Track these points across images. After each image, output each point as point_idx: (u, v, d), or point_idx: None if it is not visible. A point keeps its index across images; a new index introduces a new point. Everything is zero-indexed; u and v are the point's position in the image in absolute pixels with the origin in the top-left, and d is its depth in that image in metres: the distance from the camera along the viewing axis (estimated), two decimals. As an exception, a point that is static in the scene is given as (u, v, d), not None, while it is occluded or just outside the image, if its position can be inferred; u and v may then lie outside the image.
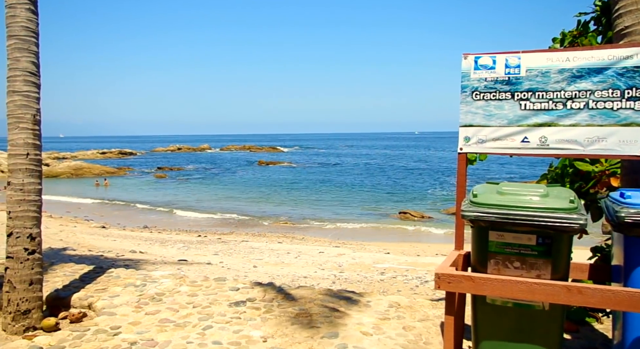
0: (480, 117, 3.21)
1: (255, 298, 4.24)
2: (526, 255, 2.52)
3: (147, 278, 4.85)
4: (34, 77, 3.87)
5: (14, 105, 3.77)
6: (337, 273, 9.58)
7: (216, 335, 3.45)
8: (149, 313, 3.88)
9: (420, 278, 8.68)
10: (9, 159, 3.82)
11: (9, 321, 3.64)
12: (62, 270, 5.13)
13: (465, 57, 3.28)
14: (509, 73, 3.14)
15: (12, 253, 3.72)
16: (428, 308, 3.97)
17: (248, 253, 12.96)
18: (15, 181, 3.76)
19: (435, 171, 49.25)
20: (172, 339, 3.37)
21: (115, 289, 4.46)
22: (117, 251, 12.13)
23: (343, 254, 12.77)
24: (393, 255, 12.91)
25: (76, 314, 3.86)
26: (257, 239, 16.61)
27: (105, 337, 3.40)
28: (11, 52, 3.78)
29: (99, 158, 67.01)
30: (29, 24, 3.82)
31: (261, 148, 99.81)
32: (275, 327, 3.60)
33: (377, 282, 8.36)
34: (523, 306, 2.54)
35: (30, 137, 3.82)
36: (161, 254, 12.38)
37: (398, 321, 3.70)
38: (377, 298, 4.26)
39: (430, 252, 13.93)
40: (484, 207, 2.56)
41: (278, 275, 9.12)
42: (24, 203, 3.76)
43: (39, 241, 3.88)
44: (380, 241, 17.02)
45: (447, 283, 2.59)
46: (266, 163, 60.21)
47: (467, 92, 3.24)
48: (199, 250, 13.61)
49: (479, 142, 3.23)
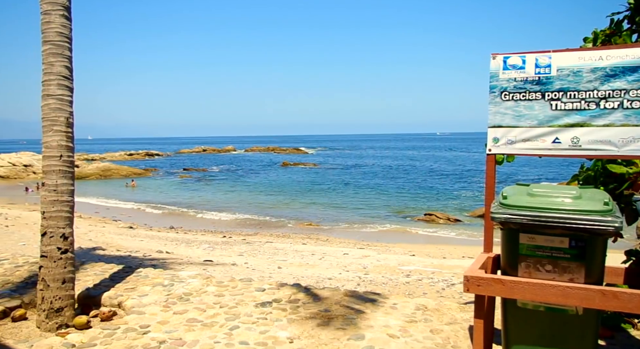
0: (510, 118, 3.16)
1: (281, 299, 4.26)
2: (558, 258, 2.47)
3: (174, 278, 4.91)
4: (67, 81, 3.97)
5: (48, 108, 3.88)
6: (362, 274, 9.53)
7: (243, 335, 3.47)
8: (177, 312, 3.93)
9: (447, 280, 8.57)
10: (44, 161, 3.93)
11: (42, 319, 3.73)
12: (93, 269, 5.24)
13: (493, 57, 3.23)
14: (539, 73, 3.08)
15: (46, 252, 3.82)
16: (456, 311, 3.92)
17: (272, 254, 13.01)
18: (50, 183, 3.86)
19: (461, 172, 48.67)
20: (199, 339, 3.41)
21: (144, 288, 4.53)
22: (144, 251, 12.33)
23: (368, 256, 12.72)
24: (418, 257, 12.79)
25: (106, 312, 3.93)
26: (281, 240, 16.68)
27: (134, 336, 3.46)
28: (46, 56, 3.89)
29: (126, 160, 68.33)
30: (63, 30, 3.92)
31: (285, 149, 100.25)
32: (302, 328, 3.60)
33: (403, 284, 8.29)
34: (556, 310, 2.48)
35: (64, 140, 3.91)
36: (187, 254, 12.54)
37: (425, 324, 3.67)
38: (404, 301, 4.22)
39: (456, 254, 13.76)
40: (515, 209, 2.51)
41: (302, 276, 9.13)
42: (57, 203, 3.86)
43: (72, 240, 3.97)
44: (405, 243, 16.90)
45: (477, 286, 2.56)
46: (290, 164, 60.46)
47: (496, 93, 3.20)
48: (224, 250, 13.74)
49: (508, 143, 3.18)
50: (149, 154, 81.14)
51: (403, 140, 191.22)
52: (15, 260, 5.51)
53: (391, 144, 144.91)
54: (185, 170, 54.61)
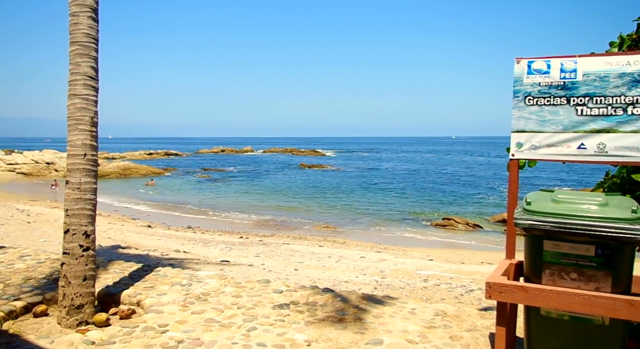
0: (534, 123, 3.11)
1: (298, 301, 4.25)
2: (584, 266, 2.42)
3: (192, 277, 4.94)
4: (93, 81, 4.03)
5: (74, 107, 3.94)
6: (379, 278, 9.50)
7: (260, 337, 3.47)
8: (195, 312, 3.94)
9: (465, 286, 8.48)
10: (68, 159, 3.99)
11: (63, 315, 3.78)
12: (113, 267, 5.30)
13: (517, 61, 3.19)
14: (565, 78, 3.03)
15: (68, 249, 3.87)
16: (476, 318, 3.87)
17: (289, 256, 13.04)
18: (73, 181, 3.92)
19: (480, 177, 48.18)
20: (217, 339, 3.42)
21: (162, 287, 4.56)
22: (162, 250, 12.46)
23: (385, 259, 12.66)
24: (436, 262, 12.69)
25: (125, 310, 3.97)
26: (298, 242, 16.70)
27: (153, 334, 3.48)
28: (73, 57, 3.95)
29: (145, 159, 69.18)
30: (90, 31, 3.98)
31: (303, 151, 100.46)
32: (319, 331, 3.59)
33: (420, 289, 8.23)
34: (581, 319, 2.43)
35: (88, 138, 3.97)
36: (204, 254, 12.62)
37: (445, 330, 3.62)
38: (422, 306, 4.18)
39: (475, 260, 13.62)
40: (539, 215, 2.47)
41: (319, 279, 9.13)
42: (80, 201, 3.91)
43: (93, 238, 4.02)
44: (422, 247, 16.79)
45: (499, 293, 2.52)
46: (308, 166, 60.52)
47: (520, 97, 3.15)
48: (240, 251, 13.80)
49: (532, 148, 3.13)
50: (168, 154, 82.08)
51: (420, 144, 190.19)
52: (38, 256, 5.61)
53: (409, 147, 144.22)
54: (203, 170, 55.09)
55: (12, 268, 5.07)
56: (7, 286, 4.42)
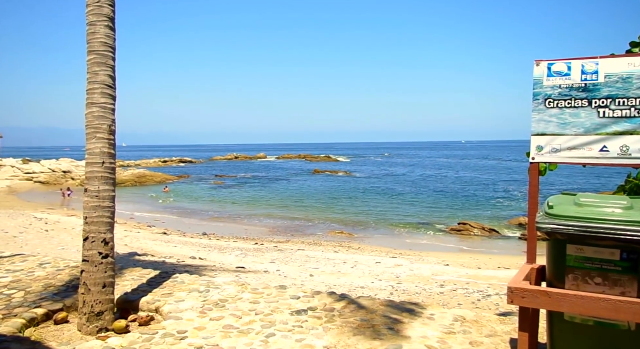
0: (554, 125, 3.07)
1: (316, 307, 4.23)
2: (609, 270, 2.37)
3: (210, 284, 4.95)
4: (110, 90, 4.08)
5: (92, 116, 3.99)
6: (395, 284, 9.43)
7: (279, 343, 3.46)
8: (213, 318, 3.95)
9: (482, 291, 8.39)
10: (86, 167, 4.03)
11: (83, 322, 3.81)
12: (130, 274, 5.33)
13: (537, 63, 3.16)
14: (586, 80, 2.99)
15: (88, 257, 3.90)
16: (495, 324, 3.82)
17: (304, 262, 13.02)
18: (92, 188, 3.96)
19: (494, 181, 47.76)
20: (236, 346, 3.41)
21: (180, 294, 4.58)
22: (177, 256, 12.53)
23: (400, 265, 12.58)
24: (452, 267, 12.57)
25: (144, 317, 3.99)
26: (313, 248, 16.68)
27: (172, 341, 3.49)
28: (90, 66, 4.00)
29: (160, 166, 69.79)
30: (107, 40, 4.04)
31: (316, 157, 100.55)
32: (338, 337, 3.57)
33: (437, 294, 8.15)
34: (606, 325, 2.38)
35: (106, 146, 4.01)
36: (220, 261, 12.66)
37: (464, 335, 3.58)
38: (441, 311, 4.14)
39: (491, 265, 13.47)
40: (561, 219, 2.43)
41: (335, 285, 9.09)
42: (99, 209, 3.94)
43: (112, 245, 4.05)
44: (438, 251, 16.66)
45: (521, 298, 2.48)
46: (322, 172, 60.54)
47: (540, 100, 3.12)
48: (256, 257, 13.82)
49: (552, 151, 3.09)
50: (182, 161, 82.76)
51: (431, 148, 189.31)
52: (57, 264, 5.67)
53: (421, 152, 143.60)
54: (217, 177, 55.39)
55: (32, 275, 5.13)
56: (27, 294, 4.47)
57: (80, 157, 56.84)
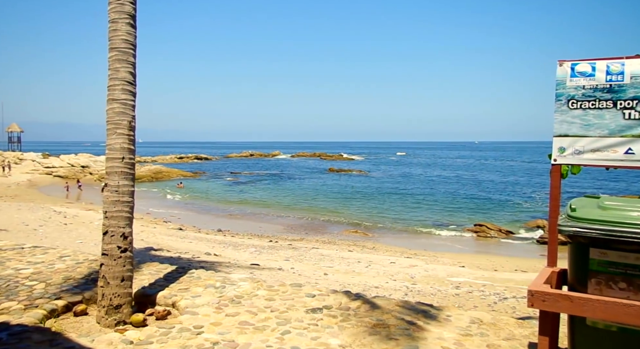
0: (577, 127, 3.02)
1: (331, 306, 4.23)
2: (634, 275, 2.33)
3: (226, 280, 4.98)
4: (130, 86, 4.12)
5: (112, 112, 4.03)
6: (410, 284, 9.39)
7: (295, 341, 3.47)
8: (229, 314, 3.97)
9: (499, 294, 8.30)
10: (107, 162, 4.08)
11: (102, 315, 3.86)
12: (148, 269, 5.38)
13: (560, 64, 3.11)
14: (611, 81, 2.93)
15: (107, 251, 3.95)
16: (513, 327, 3.77)
17: (318, 260, 13.03)
18: (112, 183, 4.00)
19: (511, 183, 47.22)
20: (252, 342, 3.42)
21: (196, 289, 4.61)
22: (193, 252, 12.63)
23: (415, 265, 12.52)
24: (468, 269, 12.47)
25: (161, 311, 4.02)
26: (327, 246, 16.68)
27: (189, 336, 3.51)
28: (112, 63, 4.05)
29: (176, 163, 70.39)
30: (128, 37, 4.07)
31: (331, 155, 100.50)
32: (353, 336, 3.56)
33: (452, 296, 8.09)
34: (630, 331, 2.33)
35: (126, 142, 4.06)
36: (234, 257, 12.74)
37: (481, 338, 3.54)
38: (458, 313, 4.11)
39: (508, 267, 13.32)
40: (584, 222, 2.39)
41: (349, 284, 9.08)
42: (118, 203, 3.99)
43: (131, 240, 4.09)
44: (454, 253, 16.54)
45: (542, 302, 2.44)
46: (336, 170, 60.49)
47: (563, 101, 3.07)
48: (270, 254, 13.87)
49: (575, 153, 3.04)
50: (198, 158, 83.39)
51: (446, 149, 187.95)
52: (76, 257, 5.75)
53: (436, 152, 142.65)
54: (232, 174, 55.71)
55: (52, 268, 5.21)
56: (48, 286, 4.54)
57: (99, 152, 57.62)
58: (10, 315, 3.73)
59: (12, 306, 3.94)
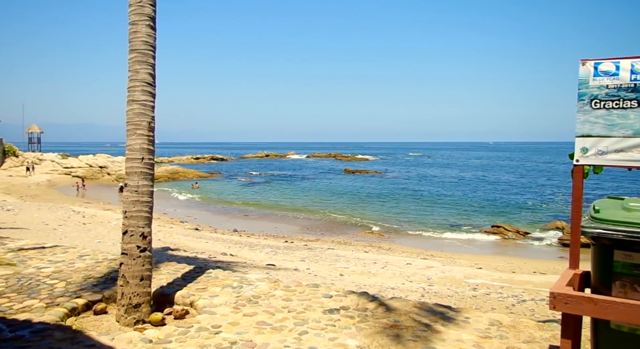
0: (601, 127, 2.97)
1: (348, 307, 4.22)
2: (660, 278, 2.28)
3: (243, 280, 5.00)
4: (150, 87, 4.16)
5: (132, 113, 4.07)
6: (426, 286, 9.33)
7: (312, 341, 3.46)
8: (247, 314, 3.98)
9: (517, 296, 8.19)
10: (126, 162, 4.12)
11: (122, 313, 3.90)
12: (166, 268, 5.43)
13: (583, 63, 3.05)
14: (636, 80, 2.87)
15: (127, 250, 3.99)
16: (534, 329, 3.72)
17: (334, 261, 13.01)
18: (131, 184, 4.05)
19: (529, 183, 46.66)
20: (270, 342, 3.43)
21: (214, 289, 4.64)
22: (209, 252, 12.71)
23: (432, 267, 12.44)
24: (485, 271, 12.34)
25: (180, 311, 4.05)
26: (342, 247, 16.66)
27: (207, 335, 3.53)
28: (132, 64, 4.09)
29: (192, 163, 70.95)
30: (148, 39, 4.12)
31: (347, 156, 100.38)
32: (371, 338, 3.54)
33: (470, 298, 8.01)
34: (656, 335, 2.29)
35: (146, 143, 4.09)
36: (250, 257, 12.79)
37: (501, 340, 3.50)
38: (476, 315, 4.06)
39: (526, 269, 13.16)
40: (609, 224, 2.35)
41: (365, 285, 9.05)
42: (138, 203, 4.03)
43: (150, 240, 4.13)
44: (470, 254, 16.40)
45: (564, 304, 2.40)
46: (352, 171, 60.39)
47: (585, 100, 3.01)
48: (286, 255, 13.90)
49: (598, 154, 2.98)
50: (214, 158, 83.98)
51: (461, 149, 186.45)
52: (96, 256, 5.82)
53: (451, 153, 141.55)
54: (248, 174, 55.97)
55: (72, 267, 5.28)
56: (68, 284, 4.61)
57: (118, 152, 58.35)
58: (32, 313, 3.79)
59: (34, 304, 4.00)
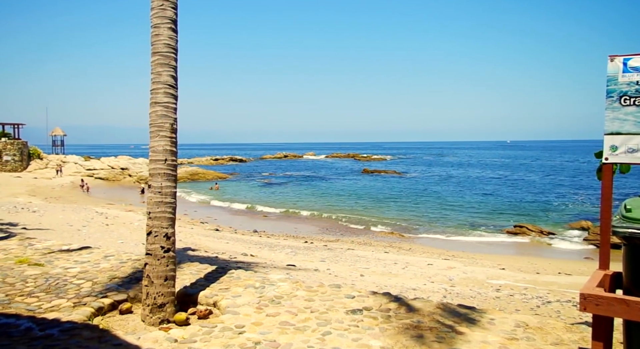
0: (631, 124, 2.89)
1: (371, 307, 4.20)
2: (696, 279, 2.21)
3: (265, 280, 5.01)
4: (172, 89, 4.19)
5: (155, 115, 4.11)
6: (448, 287, 9.23)
7: (336, 342, 3.45)
8: (270, 314, 3.99)
9: (542, 298, 8.05)
10: (150, 164, 4.17)
11: (147, 313, 3.94)
12: (189, 269, 5.48)
13: (611, 59, 2.98)
14: (668, 75, 2.80)
15: (151, 250, 4.03)
16: (561, 331, 3.65)
17: (354, 261, 12.97)
18: (155, 185, 4.09)
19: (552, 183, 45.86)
20: (293, 342, 3.43)
21: (237, 289, 4.66)
22: (230, 253, 12.78)
23: (453, 267, 12.31)
24: (509, 271, 12.16)
25: (203, 311, 4.08)
26: (362, 248, 16.60)
27: (231, 335, 3.55)
28: (154, 67, 4.13)
29: (212, 164, 71.53)
30: (170, 42, 4.16)
31: (366, 156, 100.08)
32: (395, 338, 3.52)
33: (493, 299, 7.90)
34: (692, 338, 2.22)
35: (168, 144, 4.13)
36: (270, 258, 12.82)
37: (528, 342, 3.44)
38: (502, 317, 4.00)
39: (551, 270, 12.93)
40: (641, 223, 2.29)
41: (386, 286, 9.00)
42: (161, 204, 4.07)
43: (173, 240, 4.17)
44: (493, 254, 16.18)
45: (595, 306, 2.35)
46: (371, 171, 60.17)
47: (614, 97, 2.94)
48: (306, 255, 13.90)
49: (628, 152, 2.91)
50: (233, 159, 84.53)
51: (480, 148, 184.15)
52: (120, 257, 5.91)
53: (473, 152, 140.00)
54: (267, 175, 56.20)
55: (98, 267, 5.37)
56: (95, 284, 4.68)
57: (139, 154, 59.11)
58: (60, 312, 3.86)
59: (62, 303, 4.08)
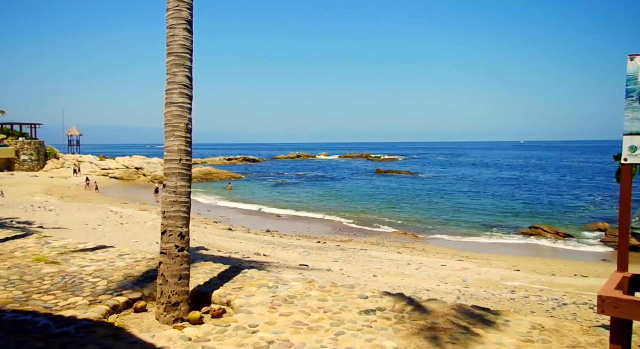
0: None
1: (384, 308, 4.18)
2: None
3: (278, 280, 5.02)
4: (187, 90, 4.22)
5: (170, 114, 4.14)
6: (462, 288, 9.16)
7: (349, 342, 3.44)
8: (283, 314, 3.99)
9: (557, 300, 7.95)
10: (165, 164, 4.20)
11: (161, 311, 3.97)
12: (202, 268, 5.51)
13: (631, 58, 2.93)
14: (689, 74, 2.74)
15: (165, 249, 4.06)
16: (578, 334, 3.60)
17: (367, 262, 12.94)
18: (170, 184, 4.11)
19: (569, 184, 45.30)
20: (306, 342, 3.43)
21: (250, 289, 4.67)
22: (243, 252, 12.84)
23: (467, 268, 12.21)
24: (523, 273, 12.04)
25: (217, 309, 4.10)
26: (375, 248, 16.56)
27: (244, 334, 3.56)
28: (170, 67, 4.16)
29: (225, 164, 71.86)
30: (185, 42, 4.18)
31: (379, 156, 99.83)
32: (408, 339, 3.50)
33: (507, 301, 7.83)
34: None
35: (183, 144, 4.16)
36: (283, 258, 12.85)
37: (543, 345, 3.40)
38: (517, 318, 3.96)
39: (566, 272, 12.76)
40: (661, 225, 2.25)
41: (399, 286, 8.97)
42: (176, 204, 4.10)
43: (188, 239, 4.20)
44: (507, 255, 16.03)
45: (614, 308, 2.31)
46: (384, 171, 60.00)
47: (634, 97, 2.89)
48: (318, 255, 13.90)
49: (648, 152, 2.86)
50: (246, 159, 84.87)
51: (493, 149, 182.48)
52: (135, 255, 5.96)
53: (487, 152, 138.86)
54: (280, 175, 56.33)
55: (113, 265, 5.42)
56: (110, 282, 4.73)
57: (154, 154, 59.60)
58: (76, 310, 3.91)
59: (78, 301, 4.12)
